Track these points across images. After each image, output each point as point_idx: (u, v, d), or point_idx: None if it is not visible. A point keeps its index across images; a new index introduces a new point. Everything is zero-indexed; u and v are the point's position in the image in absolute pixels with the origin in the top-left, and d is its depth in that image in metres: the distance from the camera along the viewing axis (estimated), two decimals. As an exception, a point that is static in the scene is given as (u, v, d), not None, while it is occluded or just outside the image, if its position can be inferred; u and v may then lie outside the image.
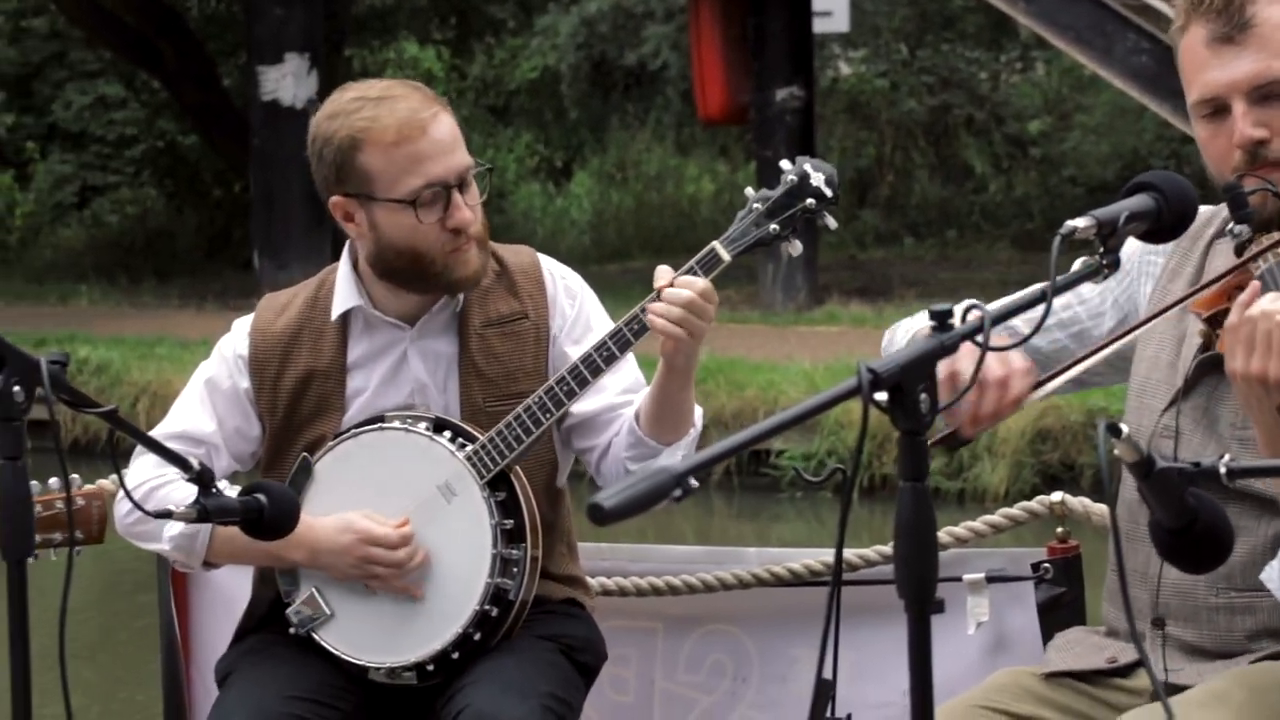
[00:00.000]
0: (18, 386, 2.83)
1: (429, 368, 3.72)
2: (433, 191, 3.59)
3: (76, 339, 13.50)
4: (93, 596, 8.45)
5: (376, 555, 3.63)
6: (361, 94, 3.63)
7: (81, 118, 23.04)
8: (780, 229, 3.55)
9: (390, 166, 3.59)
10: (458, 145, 3.63)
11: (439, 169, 3.59)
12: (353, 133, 3.59)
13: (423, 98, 3.62)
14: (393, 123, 3.57)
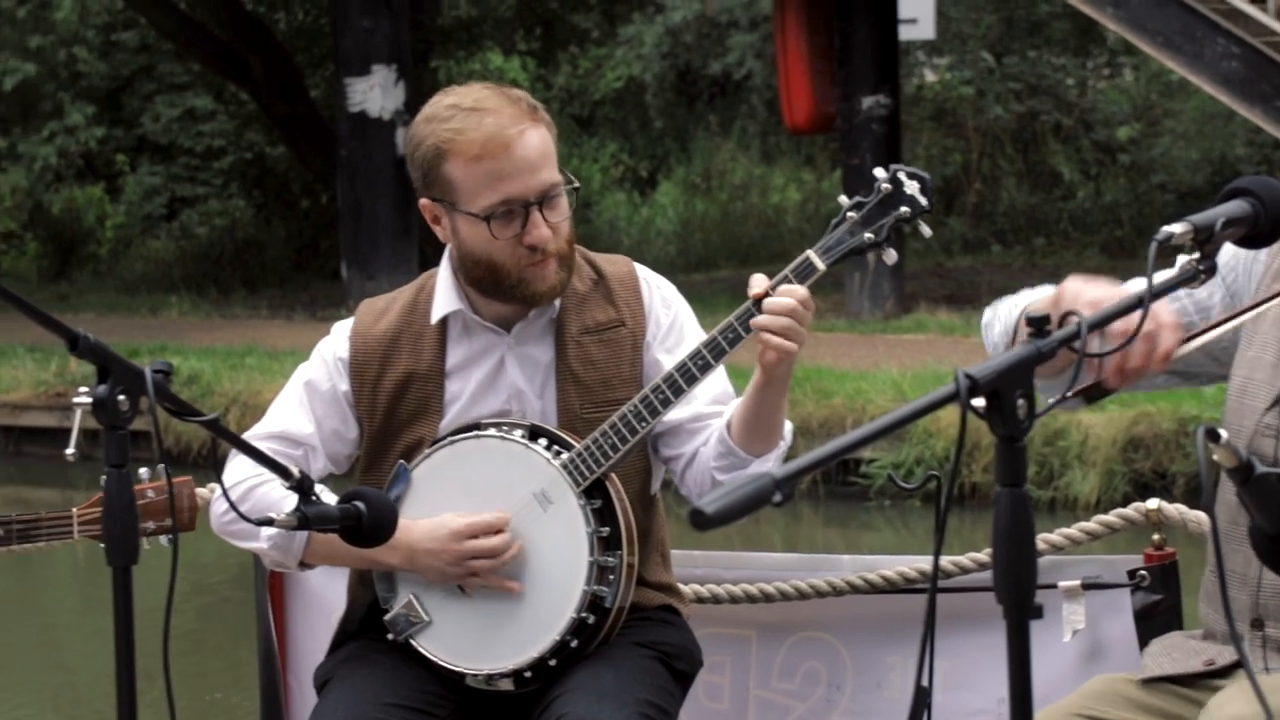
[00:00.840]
0: (123, 395, 2.86)
1: (526, 374, 3.74)
2: (509, 208, 3.60)
3: (167, 350, 13.62)
4: (184, 595, 8.52)
5: (473, 547, 3.64)
6: (457, 101, 3.64)
7: (170, 130, 23.25)
8: (874, 237, 3.55)
9: (470, 179, 3.61)
10: (544, 163, 3.62)
11: (517, 187, 3.59)
12: (439, 142, 3.62)
13: (515, 113, 3.61)
14: (477, 137, 3.58)
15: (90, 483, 12.49)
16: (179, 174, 23.25)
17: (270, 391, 12.40)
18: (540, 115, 3.65)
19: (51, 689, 8.24)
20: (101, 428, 2.89)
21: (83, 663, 8.75)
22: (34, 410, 13.31)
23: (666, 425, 3.72)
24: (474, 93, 3.67)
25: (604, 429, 3.61)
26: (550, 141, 3.65)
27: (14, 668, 8.50)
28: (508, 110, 3.61)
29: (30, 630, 9.42)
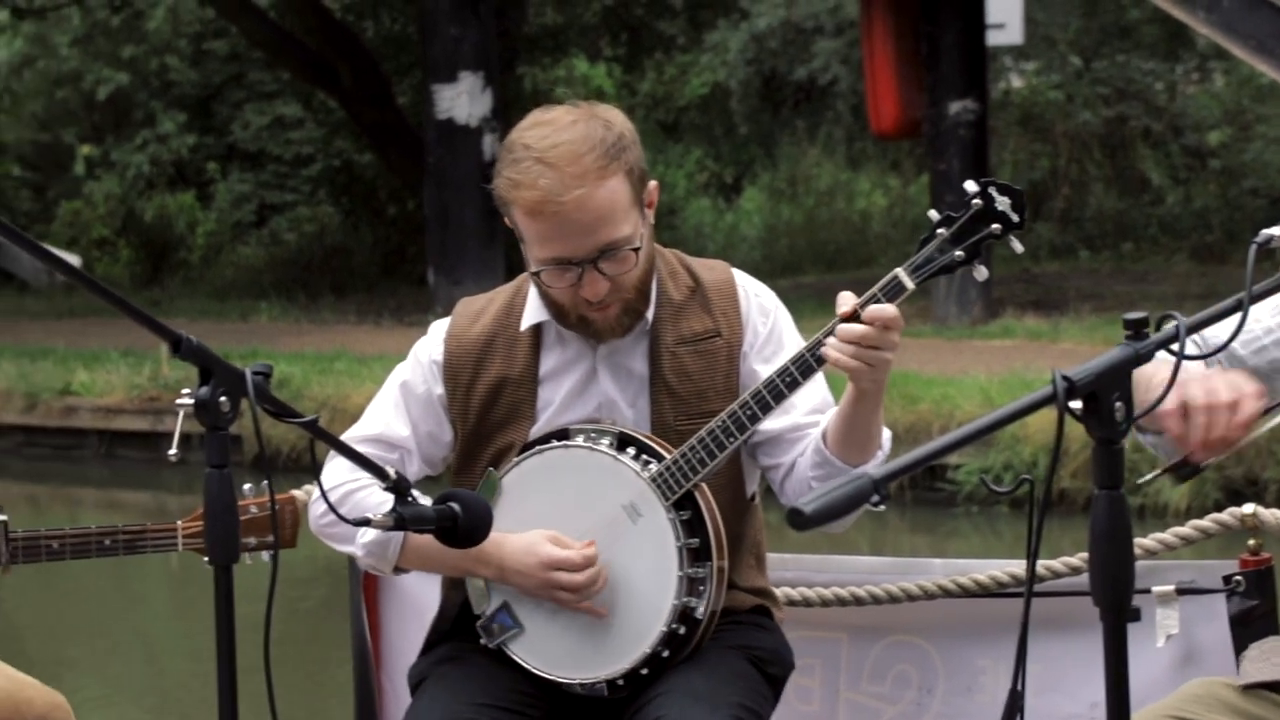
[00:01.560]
0: (224, 397, 2.89)
1: (619, 384, 3.72)
2: (561, 267, 3.57)
3: (258, 355, 13.72)
4: (278, 599, 8.57)
5: (560, 580, 3.64)
6: (533, 140, 3.56)
7: (260, 138, 23.43)
8: (965, 255, 3.51)
9: (527, 231, 3.58)
10: (602, 224, 3.53)
11: (569, 249, 3.54)
12: (502, 191, 3.59)
13: (577, 171, 3.52)
14: (531, 197, 3.52)
15: (182, 486, 12.63)
16: (268, 181, 23.43)
17: (359, 395, 12.53)
18: (615, 165, 3.54)
19: (146, 691, 8.32)
20: (202, 430, 2.92)
21: (176, 666, 8.83)
22: (127, 414, 13.43)
23: (765, 435, 3.70)
24: (554, 132, 3.56)
25: (692, 443, 3.59)
26: (619, 193, 3.55)
27: (110, 669, 8.59)
28: (571, 168, 3.52)
29: (124, 633, 9.51)
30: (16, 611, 9.04)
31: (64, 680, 7.74)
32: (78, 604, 9.82)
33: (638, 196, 3.60)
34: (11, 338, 15.84)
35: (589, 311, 3.62)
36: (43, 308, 18.84)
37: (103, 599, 9.97)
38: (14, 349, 14.95)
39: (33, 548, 3.66)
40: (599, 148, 3.54)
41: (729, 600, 3.72)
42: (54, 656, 8.49)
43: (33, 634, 9.03)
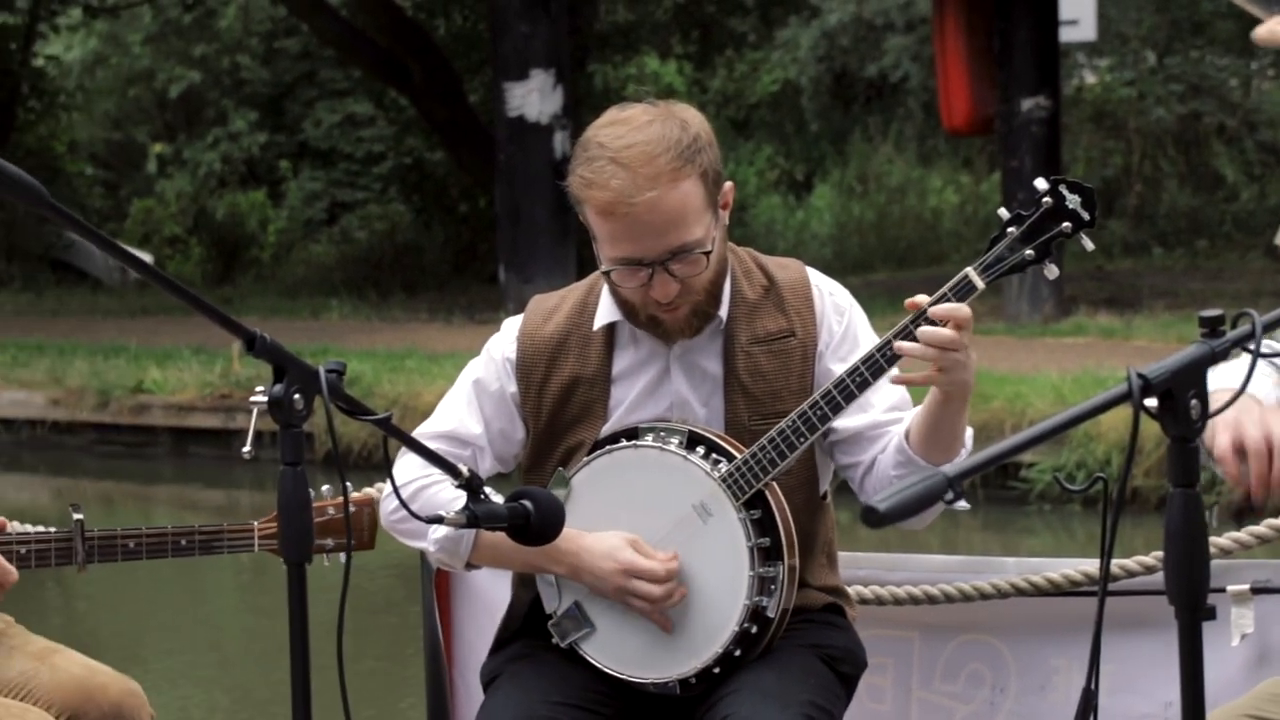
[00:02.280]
0: (298, 395, 2.90)
1: (692, 383, 3.70)
2: (631, 267, 3.56)
3: (329, 352, 13.77)
4: (350, 595, 8.60)
5: (637, 588, 3.63)
6: (607, 139, 3.55)
7: (331, 136, 23.53)
8: (1035, 254, 3.50)
9: (598, 230, 3.58)
10: (673, 226, 3.52)
11: (639, 250, 3.54)
12: (575, 189, 3.57)
13: (651, 173, 3.50)
14: (602, 197, 3.51)
15: (253, 483, 12.69)
16: (339, 179, 23.53)
17: (430, 393, 12.56)
18: (689, 168, 3.52)
19: (217, 686, 8.36)
20: (273, 427, 2.93)
21: (247, 662, 8.88)
22: (199, 411, 13.51)
23: (843, 433, 3.69)
24: (630, 131, 3.54)
25: (762, 443, 3.58)
26: (692, 196, 3.52)
27: (181, 664, 8.64)
28: (645, 169, 3.50)
29: (195, 629, 9.57)
30: (88, 605, 9.11)
31: (135, 673, 7.82)
32: (149, 599, 9.89)
33: (711, 199, 3.59)
34: (85, 335, 15.96)
35: (658, 312, 3.62)
36: (115, 306, 18.97)
37: (174, 595, 10.03)
38: (87, 347, 15.06)
39: (109, 547, 3.69)
40: (674, 149, 3.52)
41: (801, 599, 3.71)
42: (126, 651, 8.55)
43: (104, 628, 9.10)
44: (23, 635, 3.72)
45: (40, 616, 3.88)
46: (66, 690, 3.55)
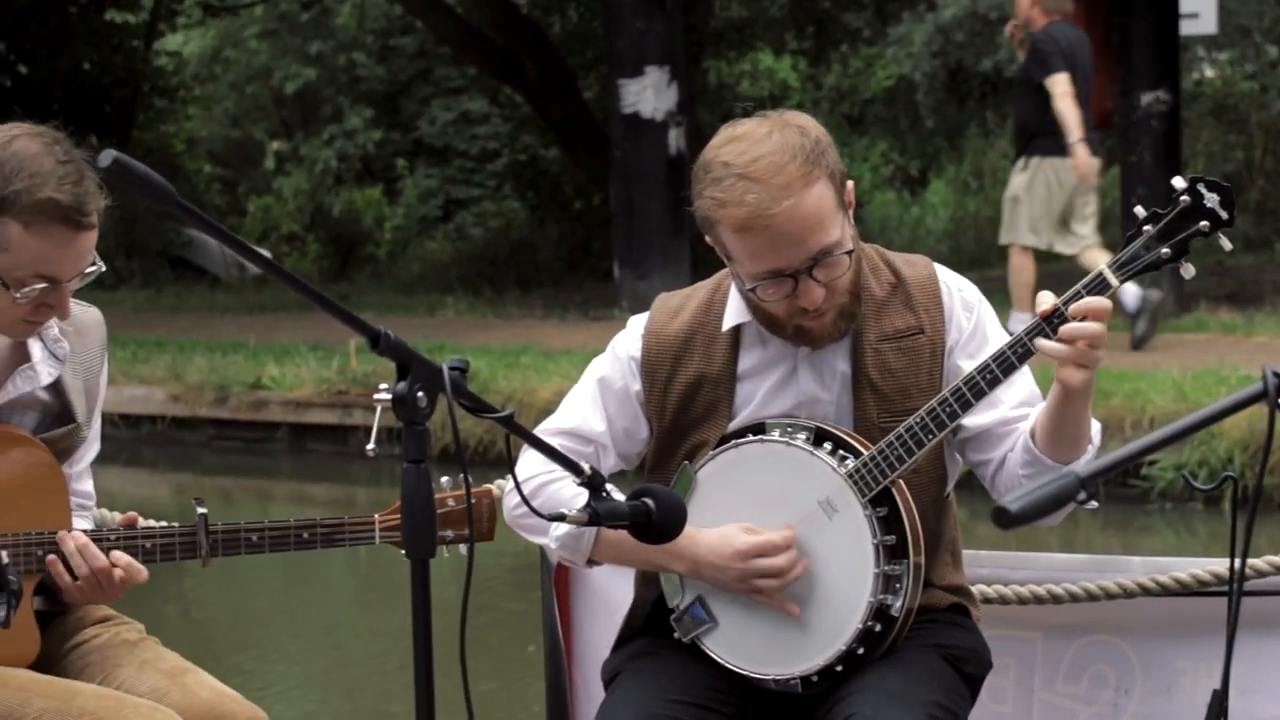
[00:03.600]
0: (422, 392, 2.90)
1: (821, 382, 3.69)
2: (777, 280, 3.55)
3: (444, 349, 13.82)
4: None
5: (759, 566, 3.63)
6: (732, 158, 3.54)
7: (446, 133, 23.64)
8: (1172, 253, 3.46)
9: (736, 249, 3.57)
10: (812, 231, 3.51)
11: (783, 261, 3.53)
12: (706, 211, 3.56)
13: (783, 182, 3.49)
14: (739, 214, 3.50)
15: (369, 479, 12.76)
16: (454, 176, 23.64)
17: (545, 390, 12.58)
18: (817, 171, 3.51)
19: (333, 681, 8.42)
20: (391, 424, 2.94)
21: (362, 656, 8.93)
22: (316, 408, 13.59)
23: (972, 430, 3.67)
24: (752, 145, 3.53)
25: (890, 440, 3.57)
26: (826, 197, 3.53)
27: (295, 658, 8.70)
28: (776, 179, 3.49)
29: (309, 622, 9.63)
30: (202, 598, 9.18)
31: (249, 668, 7.87)
32: (261, 591, 9.96)
33: (840, 199, 3.58)
34: (204, 332, 16.10)
35: (805, 321, 3.61)
36: (234, 302, 19.13)
37: (286, 587, 10.10)
38: (206, 343, 15.18)
39: (232, 540, 3.71)
40: (800, 155, 3.52)
41: (926, 598, 3.69)
42: (239, 643, 8.62)
43: (218, 621, 9.16)
44: (155, 650, 3.76)
45: (155, 610, 3.90)
46: (195, 712, 3.58)
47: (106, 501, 4.18)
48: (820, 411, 3.68)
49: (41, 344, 3.67)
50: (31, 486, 3.61)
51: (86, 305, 3.81)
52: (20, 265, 3.49)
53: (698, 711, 3.64)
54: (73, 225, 3.50)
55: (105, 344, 3.82)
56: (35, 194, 3.46)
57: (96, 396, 3.79)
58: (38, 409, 3.69)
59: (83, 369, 3.75)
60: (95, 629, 3.75)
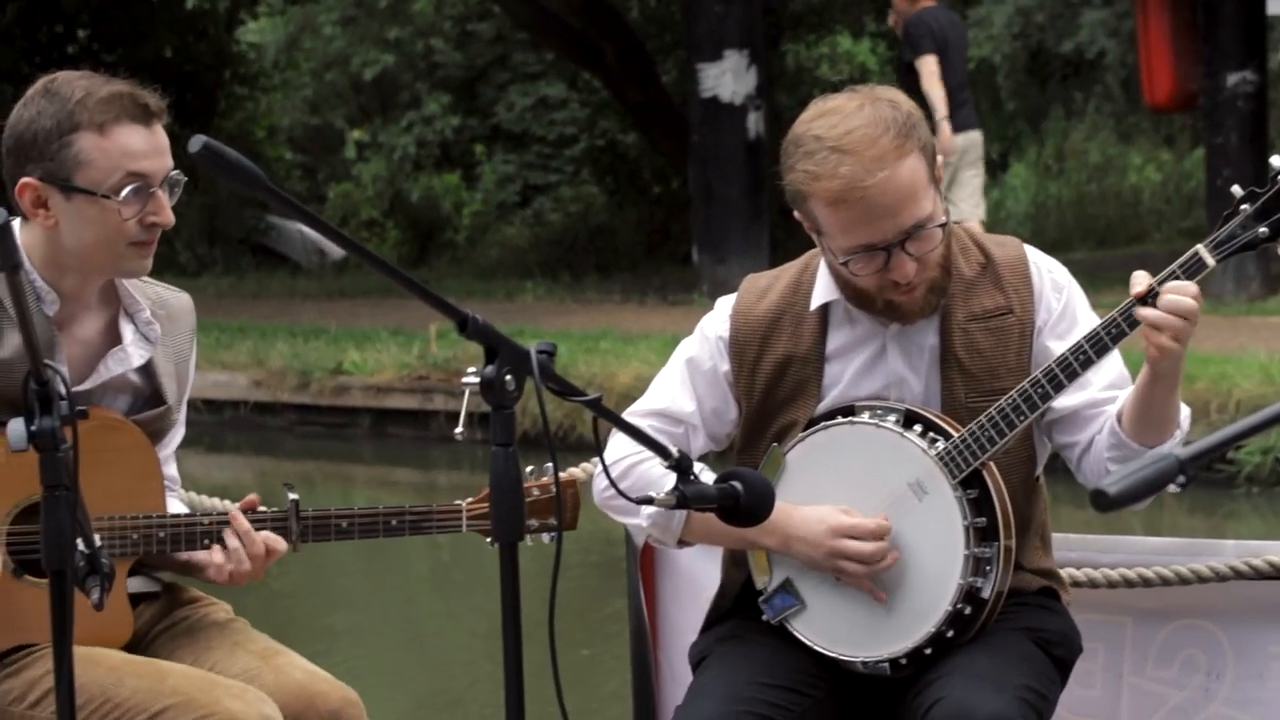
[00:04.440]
0: (509, 376, 2.90)
1: (909, 361, 3.69)
2: (869, 253, 3.55)
3: (524, 334, 13.85)
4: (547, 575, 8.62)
5: (849, 549, 3.62)
6: (824, 131, 3.53)
7: (524, 119, 23.65)
8: (1269, 232, 3.43)
9: (829, 223, 3.56)
10: (906, 204, 3.51)
11: (877, 234, 3.53)
12: (799, 184, 3.56)
13: (877, 154, 3.49)
14: (833, 186, 3.50)
15: (450, 463, 12.79)
16: (532, 162, 23.65)
17: (625, 374, 12.57)
18: (910, 144, 3.52)
19: (417, 668, 8.44)
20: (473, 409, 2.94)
21: (446, 643, 8.95)
22: (397, 393, 13.63)
23: (1060, 412, 3.65)
24: (844, 119, 3.53)
25: (981, 421, 3.55)
26: (919, 170, 3.53)
27: (378, 643, 8.73)
28: (870, 151, 3.49)
29: (391, 607, 9.67)
30: (286, 584, 9.22)
31: (333, 652, 7.90)
32: (342, 576, 10.01)
33: (932, 173, 3.58)
34: (286, 318, 16.18)
35: (896, 295, 3.60)
36: (314, 288, 19.21)
37: (367, 572, 10.14)
38: (288, 329, 15.26)
39: (323, 527, 3.73)
40: (893, 128, 3.52)
41: (1015, 581, 3.67)
42: (322, 628, 8.66)
43: (300, 605, 9.19)
44: (245, 631, 3.77)
45: (237, 596, 3.92)
46: (288, 694, 3.59)
47: (190, 486, 4.21)
48: (908, 392, 3.67)
49: (134, 325, 3.68)
50: (127, 471, 3.63)
51: (177, 290, 3.83)
52: (109, 171, 3.50)
53: (786, 694, 3.64)
54: (142, 115, 3.54)
55: (194, 329, 3.84)
56: (96, 95, 3.50)
57: (186, 381, 3.81)
58: (129, 392, 3.71)
59: (173, 352, 3.76)
60: (185, 610, 3.77)
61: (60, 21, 21.78)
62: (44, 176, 3.52)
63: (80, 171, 3.51)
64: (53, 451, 2.83)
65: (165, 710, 3.46)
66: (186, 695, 3.47)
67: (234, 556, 3.63)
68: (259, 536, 3.65)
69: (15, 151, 3.55)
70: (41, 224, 3.55)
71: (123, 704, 3.47)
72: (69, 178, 3.51)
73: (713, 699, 3.61)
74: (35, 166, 3.52)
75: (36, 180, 3.52)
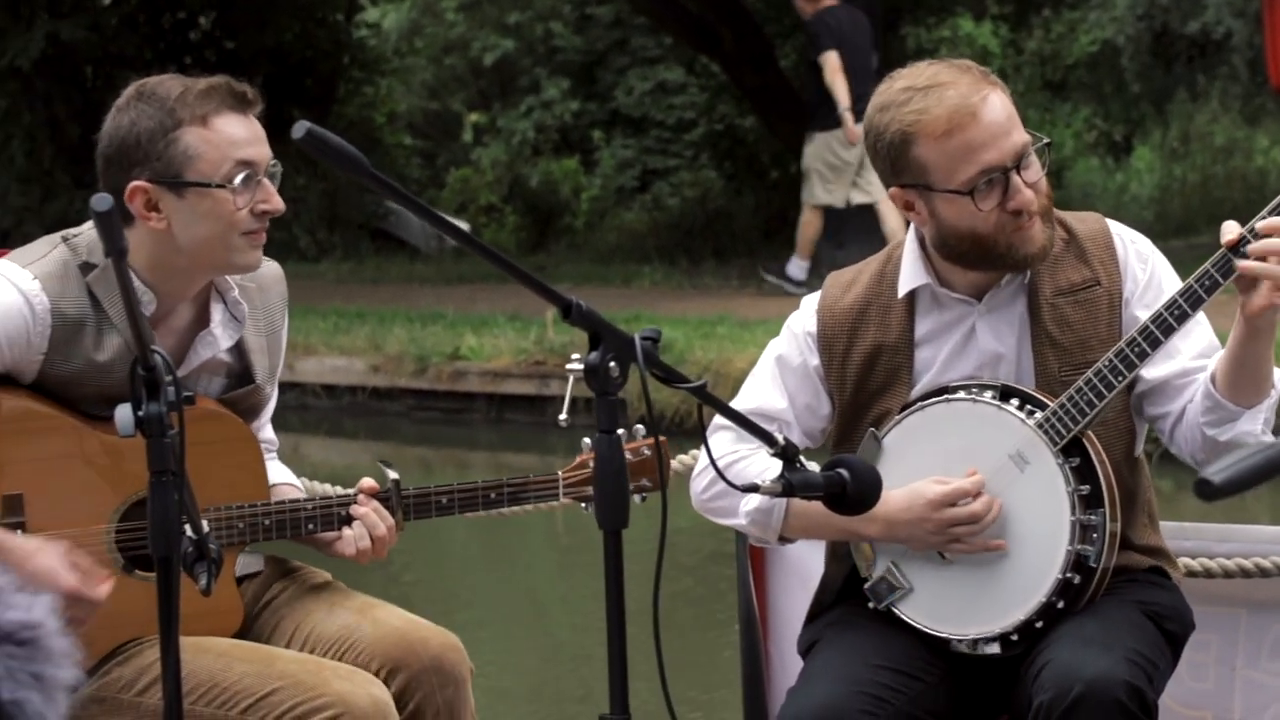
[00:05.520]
0: (614, 362, 2.90)
1: (999, 340, 3.70)
2: (990, 178, 3.55)
3: (640, 319, 13.84)
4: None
5: (954, 514, 3.62)
6: (910, 83, 3.61)
7: (642, 103, 23.63)
8: None
9: (944, 158, 3.57)
10: (1012, 125, 3.58)
11: (994, 155, 3.56)
12: (904, 127, 3.57)
13: (972, 81, 3.58)
14: (943, 113, 3.54)
15: (568, 448, 12.75)
16: (651, 146, 23.63)
17: (741, 360, 12.53)
18: (995, 79, 3.61)
19: (533, 643, 8.47)
20: (586, 394, 2.94)
21: (561, 619, 8.98)
22: (514, 378, 13.66)
23: (1151, 383, 3.64)
24: (923, 71, 3.63)
25: (1079, 386, 3.57)
26: (1010, 103, 3.61)
27: (495, 621, 8.77)
28: (964, 80, 3.57)
29: (506, 584, 9.70)
30: (401, 568, 9.28)
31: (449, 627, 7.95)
32: (460, 558, 10.05)
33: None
34: (404, 303, 16.25)
35: (1016, 233, 3.60)
36: (433, 274, 19.29)
37: (485, 552, 10.18)
38: (406, 314, 15.32)
39: (424, 504, 3.75)
40: (974, 68, 3.62)
41: (1124, 559, 3.65)
42: (438, 609, 8.71)
43: (417, 590, 9.24)
44: (343, 591, 3.80)
45: (356, 577, 3.94)
46: (388, 643, 3.61)
47: (309, 470, 4.24)
48: (1002, 369, 3.67)
49: (223, 305, 3.70)
50: (232, 462, 3.66)
51: (268, 260, 3.83)
52: (218, 162, 3.53)
53: (900, 677, 3.63)
54: (240, 104, 3.57)
55: (285, 297, 3.84)
56: (194, 89, 3.54)
57: (278, 353, 3.82)
58: (222, 372, 3.73)
59: (265, 325, 3.77)
60: (283, 582, 3.81)
61: (183, 9, 21.98)
62: (153, 178, 3.53)
63: (190, 166, 3.52)
64: (160, 437, 2.85)
65: (274, 693, 3.48)
66: (294, 678, 3.50)
67: (359, 534, 3.66)
68: (385, 515, 3.67)
69: (118, 159, 3.56)
70: (152, 227, 3.56)
71: (231, 688, 3.50)
72: (179, 174, 3.52)
73: (827, 681, 3.61)
74: (142, 169, 3.53)
75: (146, 182, 3.54)
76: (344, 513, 3.70)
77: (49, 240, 3.62)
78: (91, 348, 3.53)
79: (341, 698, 3.46)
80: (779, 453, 3.16)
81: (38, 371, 3.54)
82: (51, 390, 3.55)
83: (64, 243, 3.58)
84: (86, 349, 3.53)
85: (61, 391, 3.55)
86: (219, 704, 3.49)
